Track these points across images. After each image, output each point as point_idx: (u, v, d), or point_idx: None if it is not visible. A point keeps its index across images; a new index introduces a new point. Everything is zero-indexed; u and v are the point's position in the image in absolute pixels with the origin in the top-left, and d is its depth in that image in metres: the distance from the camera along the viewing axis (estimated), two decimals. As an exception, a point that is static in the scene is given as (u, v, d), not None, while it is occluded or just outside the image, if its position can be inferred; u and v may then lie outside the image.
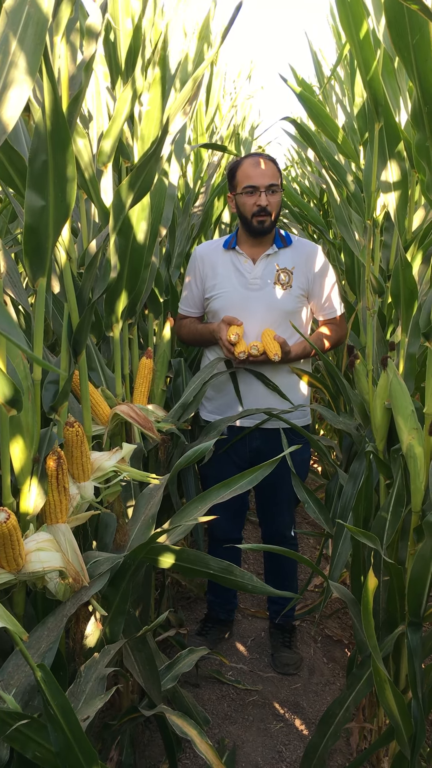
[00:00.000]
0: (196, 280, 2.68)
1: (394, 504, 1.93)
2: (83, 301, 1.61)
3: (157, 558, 1.54)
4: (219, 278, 2.60)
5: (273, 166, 2.52)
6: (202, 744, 1.55)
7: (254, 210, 2.48)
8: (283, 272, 2.55)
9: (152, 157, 1.60)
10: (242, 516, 2.88)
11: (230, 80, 5.76)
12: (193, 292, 2.71)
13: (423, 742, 1.73)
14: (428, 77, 1.50)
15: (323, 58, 4.52)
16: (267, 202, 2.47)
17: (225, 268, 2.61)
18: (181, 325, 2.74)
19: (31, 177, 1.29)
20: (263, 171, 2.48)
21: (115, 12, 2.01)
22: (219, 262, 2.63)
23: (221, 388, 2.63)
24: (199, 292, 2.68)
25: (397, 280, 1.95)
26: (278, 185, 2.51)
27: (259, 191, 2.47)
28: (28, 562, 1.33)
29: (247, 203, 2.50)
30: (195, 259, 2.69)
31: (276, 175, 2.51)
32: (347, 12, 1.90)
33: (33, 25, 1.02)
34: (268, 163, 2.51)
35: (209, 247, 2.72)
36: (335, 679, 2.76)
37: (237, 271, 2.59)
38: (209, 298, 2.63)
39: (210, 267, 2.64)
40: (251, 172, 2.48)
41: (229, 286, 2.58)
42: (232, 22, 1.96)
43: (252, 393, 2.56)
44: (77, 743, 1.14)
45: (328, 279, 2.63)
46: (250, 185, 2.47)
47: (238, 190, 2.53)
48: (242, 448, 2.64)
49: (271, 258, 2.57)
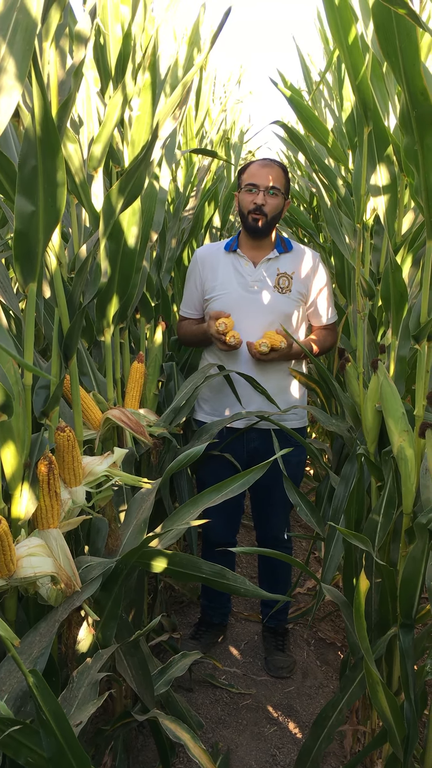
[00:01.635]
0: (196, 282, 2.71)
1: (386, 506, 1.94)
2: (74, 306, 1.61)
3: (150, 562, 1.54)
4: (219, 280, 2.63)
5: (279, 171, 2.56)
6: (195, 748, 1.55)
7: (251, 207, 2.53)
8: (283, 277, 2.58)
9: (142, 161, 1.60)
10: (237, 520, 2.88)
11: (220, 85, 5.78)
12: (192, 293, 2.73)
13: (416, 743, 1.73)
14: (416, 81, 1.51)
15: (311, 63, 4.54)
16: (264, 201, 2.51)
17: (225, 270, 2.63)
18: (181, 326, 2.79)
19: (20, 182, 1.29)
20: (267, 173, 2.53)
21: (105, 17, 2.01)
22: (220, 264, 2.66)
23: (218, 389, 2.64)
24: (199, 294, 2.70)
25: (387, 283, 1.95)
26: (280, 189, 2.54)
27: (259, 190, 2.51)
28: (19, 567, 1.32)
29: (246, 199, 2.55)
30: (196, 262, 2.72)
31: (279, 180, 2.54)
32: (336, 17, 1.91)
33: (22, 30, 1.03)
34: (275, 167, 2.56)
35: (210, 249, 2.75)
36: (328, 681, 2.76)
37: (237, 273, 2.61)
38: (209, 300, 2.65)
39: (210, 269, 2.66)
40: (255, 172, 2.55)
41: (230, 287, 2.60)
42: (221, 27, 1.97)
43: (248, 394, 2.57)
44: (70, 749, 1.13)
45: (325, 286, 2.68)
46: (252, 183, 2.53)
47: (242, 187, 2.58)
48: (240, 449, 2.65)
49: (272, 262, 2.61)
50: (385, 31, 1.51)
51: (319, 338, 2.69)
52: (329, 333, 2.73)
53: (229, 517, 2.78)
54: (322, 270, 2.67)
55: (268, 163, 2.57)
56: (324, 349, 2.72)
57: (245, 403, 2.58)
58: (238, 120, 5.82)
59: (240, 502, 2.83)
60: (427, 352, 1.82)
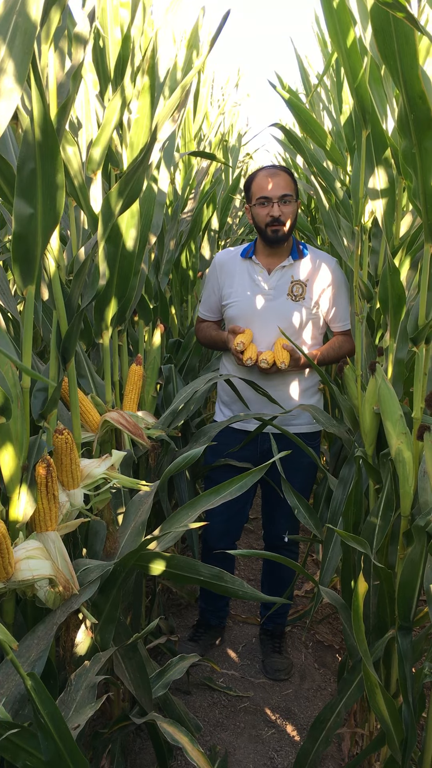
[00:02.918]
0: (214, 286, 2.73)
1: (384, 508, 1.94)
2: (72, 309, 1.61)
3: (148, 565, 1.54)
4: (235, 286, 2.65)
5: (287, 177, 2.55)
6: (193, 751, 1.55)
7: (267, 221, 2.52)
8: (296, 284, 2.58)
9: (141, 164, 1.60)
10: (239, 528, 2.86)
11: (218, 88, 5.78)
12: (211, 297, 2.76)
13: (414, 746, 1.73)
14: (414, 85, 1.51)
15: (309, 66, 4.55)
16: (280, 212, 2.50)
17: (241, 277, 2.65)
18: (199, 328, 2.83)
19: (19, 185, 1.29)
20: (276, 182, 2.52)
21: (104, 20, 2.02)
22: (236, 270, 2.67)
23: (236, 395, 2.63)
24: (217, 298, 2.73)
25: (385, 285, 1.96)
26: (292, 195, 2.53)
27: (272, 202, 2.50)
28: (17, 570, 1.32)
29: (260, 214, 2.54)
30: (214, 266, 2.74)
31: (289, 186, 2.54)
32: (334, 20, 1.92)
33: (21, 34, 1.03)
34: (282, 174, 2.55)
35: (228, 254, 2.77)
36: (326, 684, 2.76)
37: (252, 281, 2.62)
38: (225, 306, 2.67)
39: (227, 275, 2.68)
40: (264, 184, 2.53)
41: (243, 295, 2.61)
42: (220, 30, 1.97)
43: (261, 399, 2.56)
44: (68, 752, 1.13)
45: (342, 292, 2.65)
46: (263, 197, 2.52)
47: (252, 201, 2.57)
48: (252, 450, 2.65)
49: (286, 269, 2.61)
50: (383, 35, 1.51)
51: (334, 345, 2.66)
52: (347, 339, 2.67)
53: (229, 524, 2.77)
54: (338, 275, 2.65)
55: (274, 171, 2.56)
56: (340, 356, 2.64)
57: (257, 408, 2.59)
58: (236, 122, 5.83)
59: (243, 509, 2.81)
60: (425, 354, 1.82)
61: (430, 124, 1.55)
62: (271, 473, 2.32)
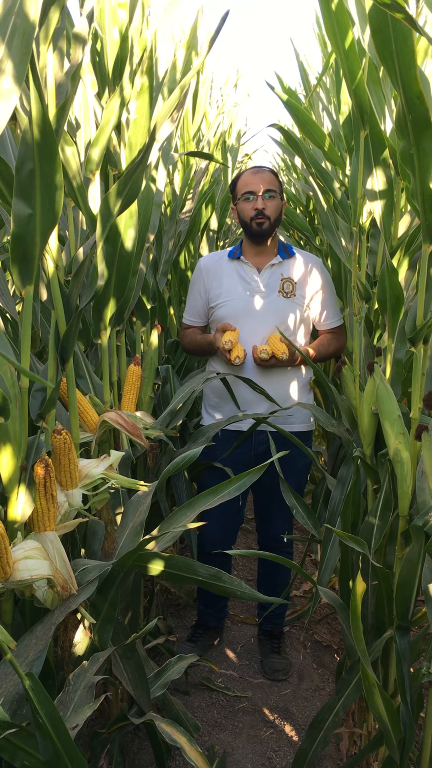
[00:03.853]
0: (200, 290, 2.73)
1: (382, 508, 1.94)
2: (70, 309, 1.61)
3: (146, 565, 1.54)
4: (224, 287, 2.65)
5: (270, 175, 2.63)
6: (191, 751, 1.55)
7: (252, 214, 2.57)
8: (287, 282, 2.62)
9: (140, 164, 1.60)
10: (235, 529, 2.87)
11: (217, 88, 5.78)
12: (197, 302, 2.76)
13: (412, 746, 1.73)
14: (412, 85, 1.52)
15: (309, 66, 4.55)
16: (264, 205, 2.56)
17: (230, 277, 2.66)
18: (185, 334, 2.81)
19: (18, 185, 1.30)
20: (260, 178, 2.59)
21: (102, 21, 2.02)
22: (224, 271, 2.68)
23: (226, 396, 2.63)
24: (203, 302, 2.73)
25: (383, 286, 1.96)
26: (276, 191, 2.59)
27: (257, 196, 2.56)
28: (15, 570, 1.32)
29: (245, 208, 2.59)
30: (200, 271, 2.75)
31: (273, 182, 2.60)
32: (332, 21, 1.92)
33: (19, 35, 1.03)
34: (266, 172, 2.63)
35: (213, 258, 2.79)
36: (325, 684, 2.76)
37: (242, 280, 2.64)
38: (214, 307, 2.67)
39: (215, 277, 2.69)
40: (248, 180, 2.60)
41: (235, 294, 2.63)
42: (219, 30, 1.97)
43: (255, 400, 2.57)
44: (66, 752, 1.13)
45: (328, 290, 2.71)
46: (248, 191, 2.58)
47: (238, 197, 2.62)
48: (247, 452, 2.65)
49: (275, 268, 2.64)
50: (381, 36, 1.52)
51: (323, 342, 2.70)
52: (334, 337, 2.73)
53: (226, 525, 2.77)
54: (324, 274, 2.71)
55: (259, 169, 2.64)
56: (329, 354, 2.72)
57: (252, 407, 2.59)
58: (235, 123, 5.83)
59: (239, 511, 2.82)
60: (423, 354, 1.82)
61: (428, 124, 1.55)
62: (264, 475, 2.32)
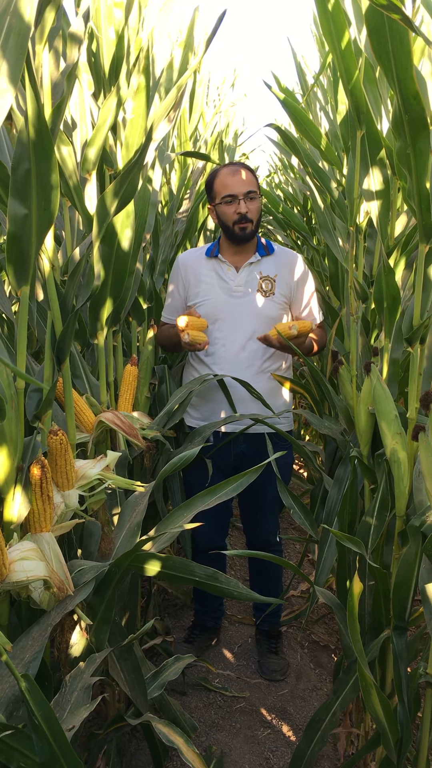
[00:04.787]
0: (178, 287, 2.69)
1: (379, 508, 1.94)
2: (67, 309, 1.61)
3: (143, 566, 1.54)
4: (202, 286, 2.61)
5: (249, 173, 2.54)
6: (188, 752, 1.54)
7: (235, 218, 2.50)
8: (265, 280, 2.57)
9: (136, 164, 1.60)
10: (226, 523, 2.87)
11: (214, 87, 5.78)
12: (175, 299, 2.71)
13: (409, 746, 1.73)
14: (408, 85, 1.52)
15: (306, 66, 4.55)
16: (247, 209, 2.49)
17: (208, 276, 2.62)
18: (160, 331, 2.76)
19: (14, 185, 1.29)
20: (240, 179, 2.50)
21: (98, 21, 2.01)
22: (202, 270, 2.64)
23: (206, 396, 2.63)
24: (182, 300, 2.69)
25: (380, 286, 1.96)
26: (256, 192, 2.53)
27: (238, 199, 2.49)
28: (11, 571, 1.32)
29: (227, 212, 2.52)
30: (178, 267, 2.70)
31: (253, 182, 2.53)
32: (329, 21, 1.92)
33: (15, 35, 1.03)
34: (244, 170, 2.54)
35: (192, 255, 2.73)
36: (322, 684, 2.76)
37: (220, 279, 2.60)
38: (192, 306, 2.63)
39: (193, 275, 2.64)
40: (228, 182, 2.51)
41: (213, 293, 2.59)
42: (216, 29, 1.97)
43: (237, 400, 2.57)
44: (62, 753, 1.13)
45: (308, 287, 2.67)
46: (229, 194, 2.50)
47: (217, 200, 2.55)
48: (227, 452, 2.64)
49: (253, 266, 2.59)
50: (378, 36, 1.51)
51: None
52: (318, 332, 2.68)
53: (218, 521, 2.77)
54: (304, 270, 2.66)
55: (235, 168, 2.54)
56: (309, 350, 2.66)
57: (237, 407, 2.57)
58: (232, 122, 5.83)
59: (228, 505, 2.82)
60: (419, 354, 1.82)
61: (425, 124, 1.55)
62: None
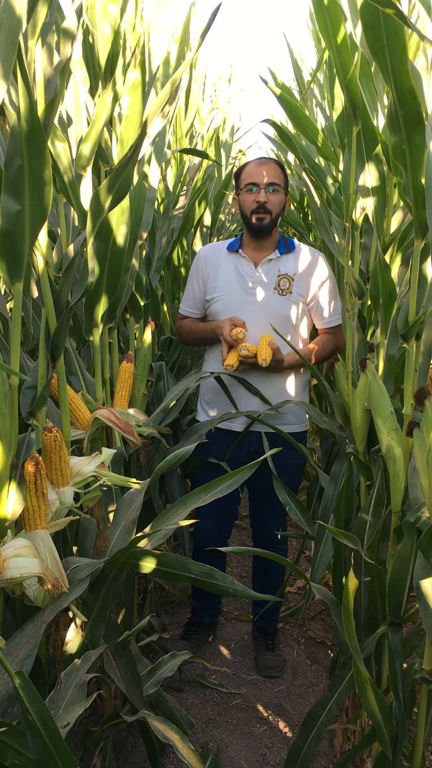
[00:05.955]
0: (198, 280, 2.68)
1: (375, 505, 1.94)
2: (61, 306, 1.60)
3: (138, 563, 1.53)
4: (220, 280, 2.60)
5: (276, 167, 2.53)
6: (184, 749, 1.54)
7: (253, 207, 2.49)
8: (283, 278, 2.54)
9: (131, 160, 1.59)
10: (229, 526, 2.86)
11: (210, 83, 5.77)
12: (194, 292, 2.70)
13: (404, 742, 1.73)
14: (403, 80, 1.51)
15: (302, 61, 4.54)
16: (266, 199, 2.48)
17: (227, 271, 2.60)
18: (182, 325, 2.74)
19: (6, 181, 1.29)
20: (265, 169, 2.50)
21: (93, 16, 2.00)
22: (222, 264, 2.62)
23: (221, 393, 2.61)
24: (201, 293, 2.67)
25: (376, 282, 1.96)
26: (280, 185, 2.51)
27: (259, 188, 2.48)
28: (6, 568, 1.32)
29: (247, 200, 2.52)
30: (198, 260, 2.69)
31: (278, 176, 2.52)
32: (325, 16, 1.91)
33: (5, 30, 1.02)
34: (272, 164, 2.53)
35: (213, 248, 2.72)
36: (318, 680, 2.76)
37: (238, 275, 2.58)
38: (210, 300, 2.62)
39: (212, 268, 2.63)
40: (253, 170, 2.52)
41: (230, 289, 2.57)
42: (210, 23, 1.96)
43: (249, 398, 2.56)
44: (57, 751, 1.13)
45: (329, 288, 2.61)
46: (251, 182, 2.50)
47: (241, 188, 2.55)
48: (239, 451, 2.62)
49: (273, 263, 2.57)
50: (373, 31, 1.51)
51: (320, 343, 2.61)
52: (331, 338, 2.64)
53: (220, 522, 2.77)
54: (324, 270, 2.61)
55: (265, 160, 2.55)
56: (326, 355, 2.63)
57: (245, 406, 2.56)
58: (229, 118, 5.82)
59: (233, 508, 2.81)
60: (415, 351, 1.82)
61: (420, 119, 1.55)
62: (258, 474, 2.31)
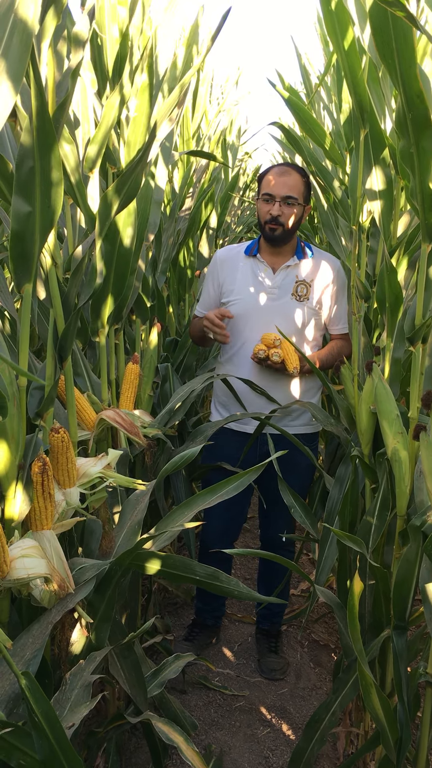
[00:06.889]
0: (214, 282, 2.68)
1: (380, 508, 1.94)
2: (69, 307, 1.61)
3: (143, 564, 1.54)
4: (237, 284, 2.60)
5: (297, 178, 2.50)
6: (188, 750, 1.55)
7: (267, 218, 2.50)
8: (301, 284, 2.55)
9: (139, 163, 1.60)
10: (237, 529, 2.86)
11: (217, 86, 5.77)
12: (210, 294, 2.71)
13: (409, 746, 1.73)
14: (412, 84, 1.51)
15: (309, 64, 4.54)
16: (280, 212, 2.47)
17: (244, 275, 2.61)
18: (193, 324, 2.76)
19: (17, 183, 1.29)
20: (284, 181, 2.48)
21: (102, 19, 2.01)
22: (239, 267, 2.63)
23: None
24: (216, 295, 2.68)
25: (382, 285, 1.96)
26: (296, 198, 2.49)
27: (275, 200, 2.48)
28: (12, 568, 1.32)
29: (262, 209, 2.53)
30: (215, 262, 2.70)
31: (297, 188, 2.49)
32: (333, 20, 1.91)
33: (18, 33, 1.02)
34: (293, 174, 2.51)
35: (231, 251, 2.72)
36: (322, 683, 2.76)
37: (255, 279, 2.58)
38: (226, 303, 2.62)
39: (229, 271, 2.64)
40: (272, 180, 2.50)
41: (246, 293, 2.57)
42: (220, 27, 1.97)
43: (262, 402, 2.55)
44: (62, 751, 1.13)
45: (344, 295, 2.62)
46: (267, 193, 2.50)
47: (259, 195, 2.56)
48: (251, 453, 2.62)
49: (291, 269, 2.57)
50: (381, 34, 1.51)
51: (333, 349, 2.62)
52: (345, 344, 2.64)
53: (228, 524, 2.77)
54: (342, 277, 2.62)
55: (286, 170, 2.52)
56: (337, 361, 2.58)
57: (258, 409, 2.55)
58: (236, 120, 5.82)
59: (243, 510, 2.81)
60: (421, 354, 1.82)
61: (428, 123, 1.55)
62: (269, 474, 2.31)
